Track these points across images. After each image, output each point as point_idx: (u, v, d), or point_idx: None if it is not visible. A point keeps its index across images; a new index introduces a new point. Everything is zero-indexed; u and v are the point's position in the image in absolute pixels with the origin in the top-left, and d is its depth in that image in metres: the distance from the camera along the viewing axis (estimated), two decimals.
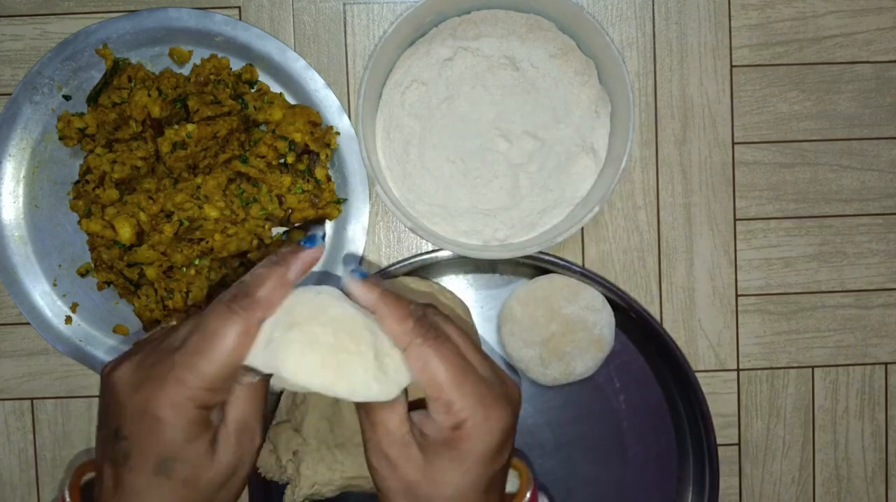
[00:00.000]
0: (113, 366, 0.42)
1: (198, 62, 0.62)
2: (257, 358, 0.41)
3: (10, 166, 0.62)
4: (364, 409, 0.43)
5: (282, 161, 0.62)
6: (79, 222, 0.60)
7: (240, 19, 0.63)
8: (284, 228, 0.62)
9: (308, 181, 0.61)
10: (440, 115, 0.61)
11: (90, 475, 0.47)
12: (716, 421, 0.65)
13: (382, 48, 0.58)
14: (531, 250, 0.59)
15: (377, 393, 0.41)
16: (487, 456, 0.42)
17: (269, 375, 0.42)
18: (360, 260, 0.64)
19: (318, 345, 0.41)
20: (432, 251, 0.62)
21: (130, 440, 0.40)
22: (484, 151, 0.61)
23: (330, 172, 0.63)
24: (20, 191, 0.63)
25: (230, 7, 0.63)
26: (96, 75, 0.62)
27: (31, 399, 0.65)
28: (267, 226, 0.60)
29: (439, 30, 0.61)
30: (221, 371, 0.40)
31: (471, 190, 0.61)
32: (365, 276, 0.43)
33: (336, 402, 0.59)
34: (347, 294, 0.44)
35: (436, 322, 0.44)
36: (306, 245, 0.43)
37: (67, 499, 0.45)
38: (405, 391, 0.43)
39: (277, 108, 0.61)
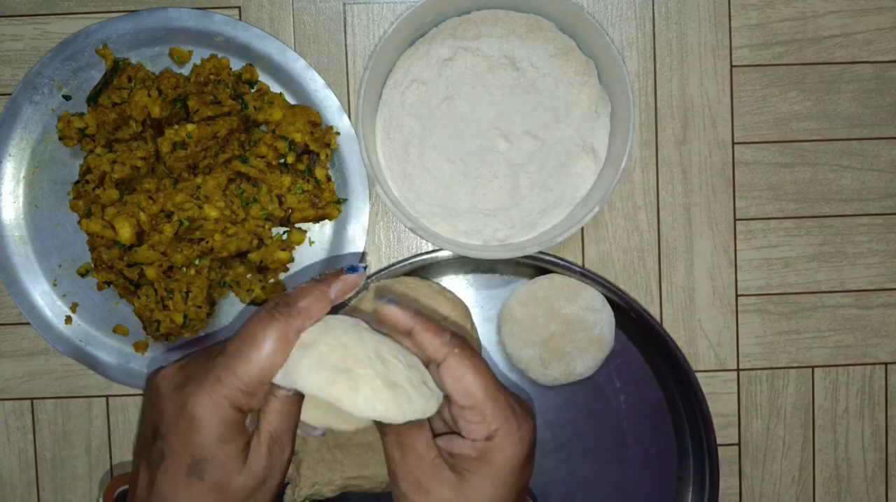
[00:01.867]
0: (157, 369, 0.44)
1: (198, 62, 0.63)
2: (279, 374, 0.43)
3: (10, 166, 0.63)
4: (394, 433, 0.44)
5: (282, 161, 0.62)
6: (79, 222, 0.60)
7: (240, 19, 0.63)
8: (285, 228, 0.63)
9: (308, 181, 0.61)
10: (440, 115, 0.61)
11: (123, 487, 0.48)
12: (716, 421, 0.65)
13: (382, 48, 0.58)
14: (531, 250, 0.59)
15: (381, 413, 0.42)
16: (517, 467, 0.43)
17: (302, 394, 0.43)
18: (362, 256, 0.64)
19: (325, 364, 0.42)
20: (432, 251, 0.63)
21: (166, 440, 0.41)
22: (484, 151, 0.61)
23: (330, 172, 0.63)
24: (20, 191, 0.63)
25: (230, 7, 0.64)
26: (96, 75, 0.62)
27: (31, 399, 0.65)
28: (267, 226, 0.61)
29: (439, 30, 0.62)
30: (259, 373, 0.41)
31: (471, 190, 0.61)
32: (394, 302, 0.45)
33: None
34: (382, 320, 0.45)
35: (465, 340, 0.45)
36: (349, 271, 0.45)
37: None
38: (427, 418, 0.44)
39: (277, 108, 0.61)
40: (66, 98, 0.62)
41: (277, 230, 0.62)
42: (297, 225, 0.62)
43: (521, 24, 0.61)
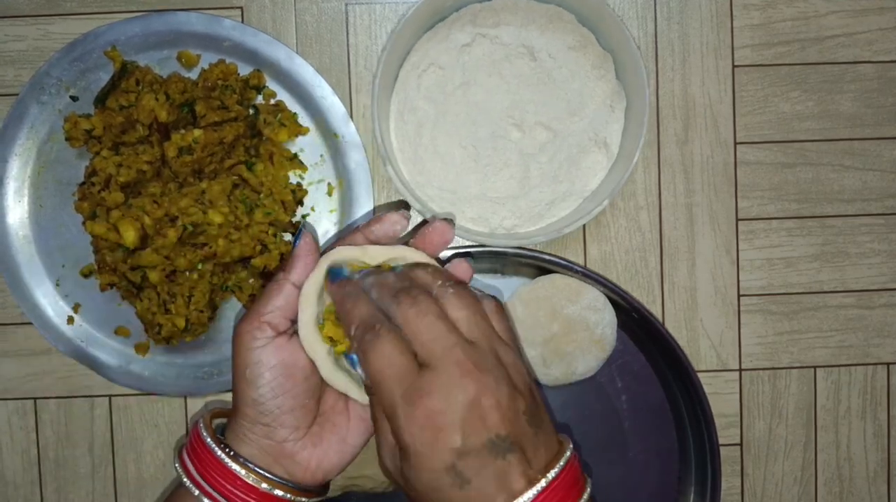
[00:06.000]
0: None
1: (205, 66, 0.63)
2: None
3: (16, 165, 0.64)
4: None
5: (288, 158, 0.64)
6: (83, 223, 0.61)
7: (242, 20, 0.65)
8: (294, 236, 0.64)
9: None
10: (455, 100, 0.62)
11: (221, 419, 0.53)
12: (718, 422, 0.66)
13: (401, 30, 0.59)
14: (537, 240, 0.60)
15: None
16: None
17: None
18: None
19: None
20: None
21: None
22: (496, 139, 0.62)
23: (333, 178, 0.64)
24: (25, 190, 0.64)
25: (232, 7, 0.65)
26: (104, 77, 0.63)
27: (34, 398, 0.66)
28: (270, 232, 0.62)
29: (459, 15, 0.63)
30: (266, 314, 0.50)
31: (481, 177, 0.62)
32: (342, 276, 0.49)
33: None
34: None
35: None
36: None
37: (202, 429, 0.50)
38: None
39: (286, 131, 0.63)
40: (74, 99, 0.63)
41: (287, 237, 0.64)
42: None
43: (541, 14, 0.62)
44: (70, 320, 0.64)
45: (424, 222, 0.63)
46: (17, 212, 0.64)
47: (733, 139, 0.67)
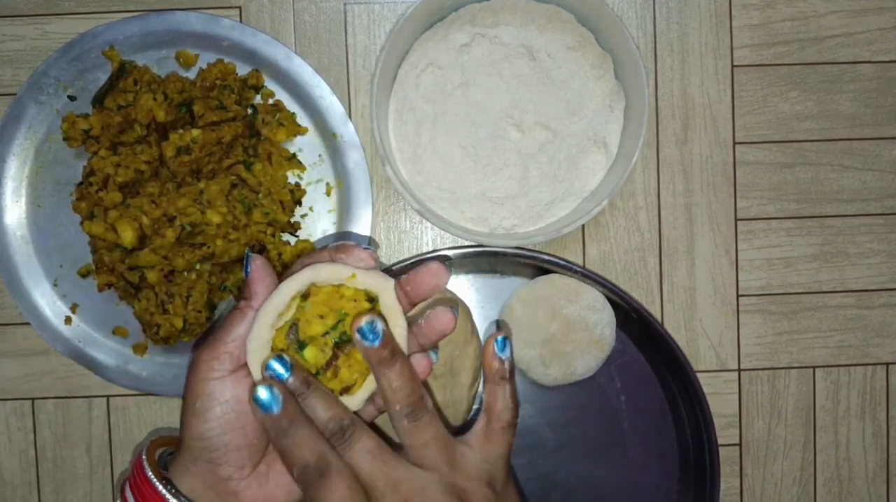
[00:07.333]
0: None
1: (204, 66, 0.64)
2: None
3: (13, 165, 0.64)
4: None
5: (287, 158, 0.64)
6: (81, 223, 0.61)
7: (240, 20, 0.65)
8: (292, 236, 0.64)
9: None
10: (454, 100, 0.62)
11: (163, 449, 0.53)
12: (717, 422, 0.67)
13: (400, 29, 0.59)
14: (537, 239, 0.61)
15: None
16: None
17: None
18: (369, 240, 0.66)
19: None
20: (432, 252, 0.64)
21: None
22: (495, 139, 0.62)
23: (332, 179, 0.65)
24: (23, 190, 0.64)
25: (230, 7, 0.65)
26: (102, 77, 0.63)
27: (32, 399, 0.67)
28: (269, 232, 0.62)
29: (458, 14, 0.63)
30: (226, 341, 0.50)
31: (480, 177, 0.62)
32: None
33: None
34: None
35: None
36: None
37: (144, 462, 0.50)
38: None
39: (284, 131, 0.63)
40: (72, 99, 0.63)
41: (286, 237, 0.64)
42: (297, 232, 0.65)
43: (540, 14, 0.63)
44: (68, 320, 0.65)
45: (420, 261, 0.63)
46: (15, 212, 0.65)
47: (732, 139, 0.67)
